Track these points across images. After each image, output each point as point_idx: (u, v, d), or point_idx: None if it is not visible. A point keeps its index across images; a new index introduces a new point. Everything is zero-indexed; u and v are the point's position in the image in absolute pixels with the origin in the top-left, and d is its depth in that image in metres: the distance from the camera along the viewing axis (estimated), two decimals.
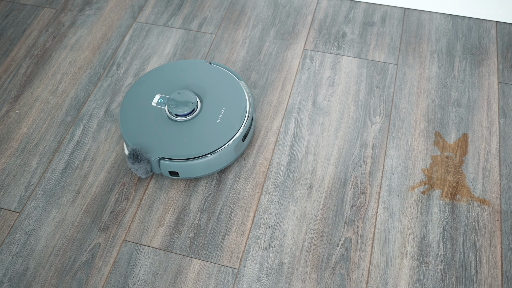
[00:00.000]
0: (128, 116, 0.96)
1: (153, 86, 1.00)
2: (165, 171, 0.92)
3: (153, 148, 0.91)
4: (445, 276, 0.83)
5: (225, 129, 0.93)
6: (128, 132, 0.94)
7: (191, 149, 0.91)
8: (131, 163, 0.90)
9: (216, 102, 0.97)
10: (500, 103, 1.04)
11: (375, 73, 1.09)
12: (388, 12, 1.21)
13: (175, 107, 0.94)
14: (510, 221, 0.88)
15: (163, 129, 0.94)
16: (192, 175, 0.92)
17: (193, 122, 0.94)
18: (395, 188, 0.92)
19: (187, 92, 0.96)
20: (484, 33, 1.16)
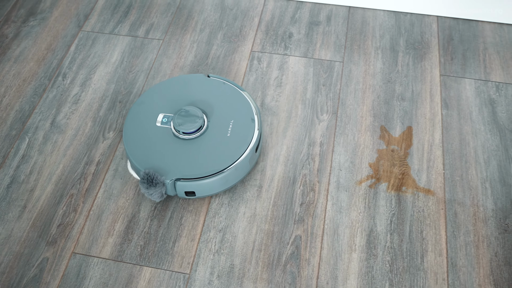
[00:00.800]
0: (133, 140, 0.92)
1: (153, 106, 0.96)
2: (181, 192, 0.89)
3: (166, 170, 0.88)
4: (392, 266, 0.84)
5: (237, 142, 0.91)
6: (137, 156, 0.90)
7: (206, 166, 0.88)
8: (146, 188, 0.86)
9: (223, 115, 0.95)
10: (442, 95, 1.07)
11: (322, 71, 1.11)
12: (333, 11, 1.23)
13: (182, 125, 0.91)
14: (454, 209, 0.90)
15: (172, 149, 0.90)
16: (209, 193, 0.90)
17: (202, 139, 0.92)
18: (343, 183, 0.94)
19: (192, 108, 0.93)
20: (426, 28, 1.19)
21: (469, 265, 0.84)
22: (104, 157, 0.98)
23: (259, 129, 0.93)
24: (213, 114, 0.95)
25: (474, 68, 1.11)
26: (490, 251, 0.86)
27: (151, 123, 0.94)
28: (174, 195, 0.92)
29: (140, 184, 0.87)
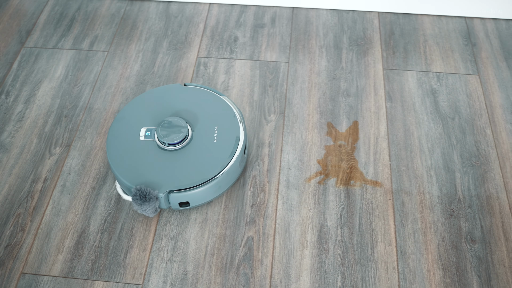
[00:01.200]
0: (118, 157, 0.90)
1: (134, 120, 0.95)
2: (175, 203, 0.88)
3: (158, 184, 0.87)
4: (344, 260, 0.85)
5: (225, 147, 0.90)
6: (125, 174, 0.88)
7: (197, 175, 0.87)
8: (139, 205, 0.85)
9: (206, 122, 0.94)
10: (386, 88, 1.09)
11: (268, 73, 1.12)
12: (277, 13, 1.24)
13: (167, 136, 0.90)
14: (401, 198, 0.92)
15: (160, 162, 0.89)
16: (203, 201, 0.90)
17: (189, 148, 0.91)
18: (292, 182, 0.95)
19: (174, 119, 0.92)
20: (367, 24, 1.22)
21: (418, 252, 0.86)
22: (51, 174, 0.97)
23: (245, 130, 0.93)
24: (197, 122, 0.94)
25: (415, 60, 1.14)
26: (437, 236, 0.88)
27: (134, 138, 0.92)
28: (168, 208, 0.91)
29: (133, 201, 0.85)
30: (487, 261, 0.85)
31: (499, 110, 1.05)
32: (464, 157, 0.98)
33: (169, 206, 0.89)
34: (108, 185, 0.95)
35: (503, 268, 0.84)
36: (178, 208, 0.89)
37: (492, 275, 0.84)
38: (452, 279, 0.83)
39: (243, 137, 0.92)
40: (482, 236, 0.88)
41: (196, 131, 0.93)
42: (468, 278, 0.83)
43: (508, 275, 0.84)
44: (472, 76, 1.11)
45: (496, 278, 0.83)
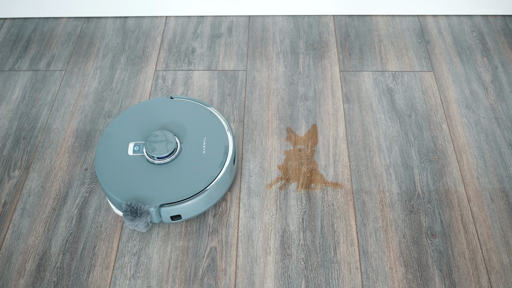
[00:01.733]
0: (107, 173, 0.89)
1: (121, 136, 0.94)
2: (166, 217, 0.87)
3: (148, 198, 0.86)
4: (307, 263, 0.86)
5: (214, 158, 0.90)
6: (115, 190, 0.87)
7: (188, 187, 0.87)
8: (130, 220, 0.84)
9: (194, 134, 0.93)
10: (343, 90, 1.10)
11: (226, 82, 1.12)
12: (234, 22, 1.25)
13: (155, 150, 0.89)
14: (362, 198, 0.93)
15: (150, 176, 0.88)
16: (194, 213, 0.89)
17: (178, 161, 0.90)
18: (254, 189, 0.95)
19: (162, 133, 0.91)
20: (323, 28, 1.23)
21: (380, 250, 0.87)
22: (10, 197, 0.95)
23: (233, 140, 0.93)
24: (184, 134, 0.94)
25: (371, 60, 1.16)
26: (398, 233, 0.89)
27: (123, 153, 0.92)
28: (159, 222, 0.90)
29: (124, 217, 0.84)
30: (447, 255, 0.86)
31: (454, 105, 1.07)
32: (422, 153, 0.99)
33: (161, 220, 0.88)
34: (69, 205, 0.94)
35: (463, 260, 0.86)
36: (169, 221, 0.89)
37: (453, 268, 0.85)
38: (414, 274, 0.84)
39: (232, 146, 0.92)
40: (442, 230, 0.89)
41: (185, 143, 0.92)
42: (430, 273, 0.84)
43: (469, 266, 0.85)
44: (427, 73, 1.13)
45: (457, 270, 0.84)
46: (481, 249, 0.87)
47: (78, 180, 0.97)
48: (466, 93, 1.09)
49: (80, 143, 1.03)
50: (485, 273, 0.84)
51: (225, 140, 0.92)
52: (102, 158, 0.91)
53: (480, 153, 0.99)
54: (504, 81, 1.11)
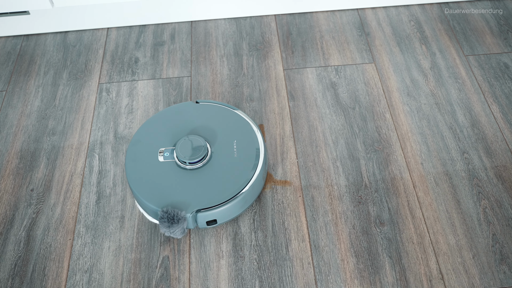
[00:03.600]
0: (140, 181, 0.88)
1: (150, 142, 0.93)
2: (202, 222, 0.86)
3: (184, 204, 0.85)
4: (260, 263, 0.86)
5: (247, 161, 0.89)
6: (149, 197, 0.86)
7: (223, 191, 0.86)
8: (167, 227, 0.83)
9: (224, 137, 0.93)
10: (287, 88, 1.11)
11: (171, 89, 1.12)
12: (176, 29, 1.25)
13: (187, 155, 0.88)
14: (311, 193, 0.94)
15: (183, 181, 0.87)
16: (230, 217, 0.88)
17: (210, 165, 0.89)
18: None
19: (192, 137, 0.90)
20: (265, 28, 1.24)
21: (331, 243, 0.88)
22: None
23: (264, 142, 0.92)
24: (214, 138, 0.93)
25: (314, 56, 1.17)
26: (348, 225, 0.90)
27: (153, 160, 0.90)
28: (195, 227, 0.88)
29: (160, 224, 0.83)
30: (396, 241, 0.88)
31: (396, 94, 1.09)
32: (367, 144, 1.01)
33: (196, 226, 0.87)
34: (16, 228, 0.92)
35: (412, 245, 0.88)
36: (205, 227, 0.88)
37: (402, 254, 0.87)
38: (365, 264, 0.86)
39: (263, 148, 0.91)
40: (390, 218, 0.91)
41: (215, 147, 0.92)
42: (380, 261, 0.86)
43: (417, 251, 0.87)
44: (369, 65, 1.15)
45: (406, 256, 0.86)
46: (428, 233, 0.89)
47: (24, 202, 0.95)
48: (407, 81, 1.11)
49: (24, 164, 1.01)
50: (433, 255, 0.86)
51: (256, 142, 0.92)
52: (133, 166, 0.90)
53: (423, 139, 1.01)
54: (442, 67, 1.14)
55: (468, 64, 1.14)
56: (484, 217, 0.90)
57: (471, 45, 1.18)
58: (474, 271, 0.84)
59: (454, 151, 0.99)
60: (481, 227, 0.89)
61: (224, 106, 0.98)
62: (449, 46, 1.18)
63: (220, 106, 0.98)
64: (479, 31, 1.21)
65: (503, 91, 1.09)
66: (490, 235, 0.88)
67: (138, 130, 0.95)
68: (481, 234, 0.88)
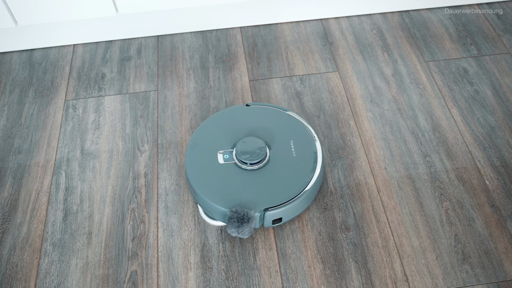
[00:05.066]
0: (203, 184, 0.89)
1: (207, 146, 0.94)
2: (269, 221, 0.88)
3: (253, 203, 0.86)
4: (228, 274, 0.87)
5: (306, 159, 0.92)
6: (216, 199, 0.87)
7: (287, 189, 0.88)
8: (236, 227, 0.84)
9: (280, 138, 0.95)
10: (253, 98, 1.13)
11: (138, 104, 1.13)
12: (143, 43, 1.26)
13: (247, 156, 0.90)
14: None
15: (245, 182, 0.89)
16: (293, 215, 0.90)
17: (271, 165, 0.91)
18: (171, 207, 0.95)
19: (250, 139, 0.92)
20: (231, 40, 1.26)
21: (298, 251, 0.89)
22: None
23: (319, 140, 0.96)
24: (270, 139, 0.95)
25: (279, 67, 1.19)
26: (314, 232, 0.92)
27: (213, 162, 0.92)
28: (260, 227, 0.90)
29: (230, 225, 0.84)
30: (362, 246, 0.90)
31: (360, 101, 1.12)
32: (332, 151, 1.03)
33: (261, 225, 0.89)
34: None
35: (377, 248, 0.89)
36: (270, 226, 0.89)
37: (368, 258, 0.88)
38: (332, 269, 0.87)
39: (320, 146, 0.94)
40: (355, 223, 0.92)
41: (273, 148, 0.94)
42: (346, 266, 0.87)
43: (382, 254, 0.88)
44: (332, 73, 1.17)
45: (371, 259, 0.88)
46: (393, 236, 0.91)
47: None
48: (370, 88, 1.14)
49: None
50: (397, 258, 0.88)
51: (311, 141, 0.95)
52: (194, 169, 0.91)
53: (386, 144, 1.04)
54: (404, 73, 1.17)
55: (429, 70, 1.18)
56: (446, 219, 0.93)
57: (431, 51, 1.21)
58: (437, 272, 0.86)
59: (416, 155, 1.02)
60: (444, 228, 0.91)
61: (275, 108, 1.01)
62: (410, 53, 1.21)
63: (271, 108, 1.01)
64: (439, 37, 1.25)
65: (462, 95, 1.12)
66: (452, 236, 0.90)
67: (194, 134, 0.97)
68: (443, 235, 0.90)
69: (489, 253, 0.88)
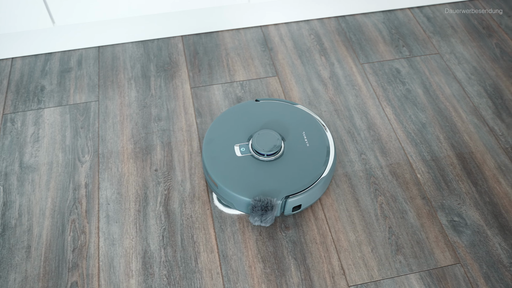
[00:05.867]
0: (225, 176, 0.92)
1: (222, 140, 0.98)
2: (289, 209, 0.92)
3: (275, 191, 0.90)
4: (170, 279, 0.87)
5: (320, 148, 0.97)
6: (238, 190, 0.90)
7: (305, 177, 0.92)
8: (260, 215, 0.87)
9: (292, 130, 0.99)
10: (195, 105, 1.14)
11: (78, 115, 1.12)
12: (83, 55, 1.26)
13: (264, 148, 0.94)
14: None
15: (264, 172, 0.93)
16: (311, 202, 0.94)
17: (286, 155, 0.96)
18: (113, 216, 0.95)
19: (265, 131, 0.96)
20: (173, 49, 1.27)
21: (239, 252, 0.91)
22: None
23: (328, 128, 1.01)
24: (283, 131, 0.99)
25: (220, 74, 1.21)
26: (255, 232, 0.94)
27: (231, 155, 0.95)
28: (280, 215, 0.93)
29: (254, 213, 0.87)
30: (301, 243, 0.92)
31: (299, 103, 1.15)
32: None
33: (282, 213, 0.92)
34: None
35: (315, 245, 0.92)
36: (290, 213, 0.93)
37: (306, 254, 0.91)
38: (272, 268, 0.89)
39: (330, 133, 0.99)
40: (294, 221, 0.95)
41: (287, 139, 0.98)
42: (286, 263, 0.90)
43: (320, 250, 0.91)
44: (272, 78, 1.20)
45: (310, 256, 0.91)
46: (330, 232, 0.94)
47: None
48: (308, 91, 1.18)
49: None
50: (335, 253, 0.91)
51: (322, 131, 1.00)
52: (213, 163, 0.94)
53: None
54: (340, 76, 1.21)
55: (364, 72, 1.22)
56: (381, 212, 0.97)
57: (366, 54, 1.27)
58: (372, 264, 0.90)
59: (352, 153, 1.06)
60: (378, 221, 0.95)
61: (284, 102, 1.05)
62: (346, 56, 1.26)
63: (280, 102, 1.05)
64: (373, 40, 1.30)
65: (395, 94, 1.17)
66: (386, 228, 0.94)
67: (209, 130, 1.00)
68: (378, 228, 0.94)
69: (421, 243, 0.93)
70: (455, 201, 0.98)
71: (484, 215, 0.96)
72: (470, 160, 1.05)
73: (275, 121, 1.01)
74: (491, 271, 0.89)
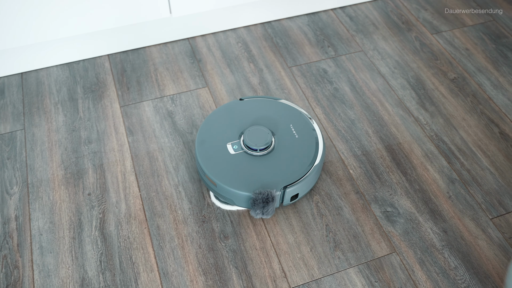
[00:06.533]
0: (222, 175, 0.94)
1: (214, 140, 1.00)
2: (287, 198, 0.95)
3: (271, 184, 0.93)
4: None
5: (308, 138, 1.00)
6: (239, 186, 0.92)
7: (299, 166, 0.96)
8: (261, 208, 0.90)
9: (279, 123, 1.03)
10: (125, 124, 1.13)
11: (4, 145, 1.08)
12: (6, 83, 1.22)
13: (256, 143, 0.97)
14: (156, 223, 0.96)
15: (259, 166, 0.96)
16: (307, 190, 0.98)
17: (278, 148, 0.99)
18: (46, 246, 0.93)
19: (255, 128, 0.99)
20: (99, 69, 1.25)
21: (179, 267, 0.90)
22: None
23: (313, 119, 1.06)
24: (272, 125, 1.03)
25: (149, 90, 1.20)
26: (194, 246, 0.93)
27: (224, 154, 0.97)
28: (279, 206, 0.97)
29: (255, 206, 0.90)
30: (241, 251, 0.93)
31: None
32: None
33: (281, 203, 0.96)
34: None
35: (255, 251, 0.93)
36: (288, 203, 0.97)
37: (247, 262, 0.91)
38: (214, 279, 0.89)
39: (316, 123, 1.04)
40: (233, 230, 0.95)
41: (276, 133, 1.01)
42: (227, 273, 0.90)
43: (261, 255, 0.92)
44: (202, 89, 1.21)
45: (251, 262, 0.91)
46: (269, 236, 0.95)
47: None
48: None
49: None
50: (275, 256, 0.92)
51: (308, 121, 1.03)
52: (209, 163, 0.96)
53: None
54: (270, 81, 1.23)
55: (292, 75, 1.25)
56: (317, 211, 0.98)
57: (293, 57, 1.29)
58: (312, 263, 0.91)
59: None
60: (315, 220, 0.97)
61: (267, 99, 1.08)
62: (275, 61, 1.28)
63: (264, 98, 1.08)
64: (299, 43, 1.33)
65: (324, 94, 1.20)
66: (323, 226, 0.96)
67: (199, 132, 1.02)
68: (315, 227, 0.96)
69: (357, 236, 0.95)
70: (387, 192, 1.02)
71: (415, 203, 1.00)
72: (399, 151, 1.09)
73: (262, 117, 1.04)
74: (425, 256, 0.92)
